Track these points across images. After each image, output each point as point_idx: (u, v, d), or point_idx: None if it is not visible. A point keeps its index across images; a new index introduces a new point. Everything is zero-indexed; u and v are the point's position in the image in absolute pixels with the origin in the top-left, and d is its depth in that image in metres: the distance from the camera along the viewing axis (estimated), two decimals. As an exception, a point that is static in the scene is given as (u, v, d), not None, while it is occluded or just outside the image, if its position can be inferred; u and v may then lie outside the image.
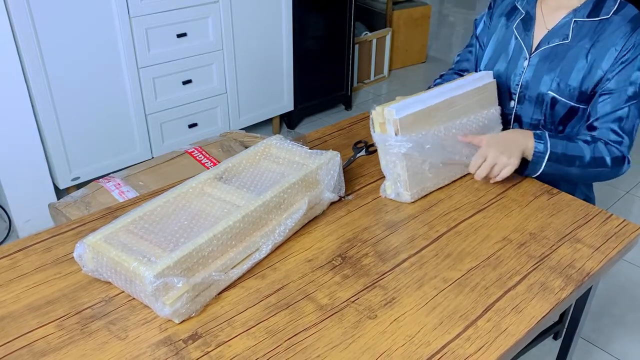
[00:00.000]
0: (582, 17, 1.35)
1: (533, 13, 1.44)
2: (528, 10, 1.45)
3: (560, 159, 1.29)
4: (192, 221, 1.08)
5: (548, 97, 1.40)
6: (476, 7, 5.47)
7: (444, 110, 1.27)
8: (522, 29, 1.45)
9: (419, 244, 1.16)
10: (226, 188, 1.15)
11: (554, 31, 1.39)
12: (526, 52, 1.43)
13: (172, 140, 2.68)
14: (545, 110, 1.42)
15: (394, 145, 1.21)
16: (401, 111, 1.19)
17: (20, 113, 2.18)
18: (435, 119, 1.26)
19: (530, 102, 1.44)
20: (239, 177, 1.21)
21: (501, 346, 0.93)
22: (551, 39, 1.39)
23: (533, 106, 1.44)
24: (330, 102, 3.45)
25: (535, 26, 1.43)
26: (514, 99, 1.47)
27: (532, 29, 1.44)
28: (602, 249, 1.15)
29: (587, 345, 1.93)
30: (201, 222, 1.08)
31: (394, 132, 1.20)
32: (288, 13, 2.87)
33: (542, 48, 1.41)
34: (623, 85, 1.31)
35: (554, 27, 1.40)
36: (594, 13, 1.35)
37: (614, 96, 1.32)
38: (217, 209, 1.10)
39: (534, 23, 1.43)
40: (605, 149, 1.31)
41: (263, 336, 0.95)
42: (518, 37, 1.45)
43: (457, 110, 1.30)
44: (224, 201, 1.12)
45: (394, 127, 1.19)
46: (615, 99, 1.32)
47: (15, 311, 0.99)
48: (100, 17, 2.25)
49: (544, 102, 1.41)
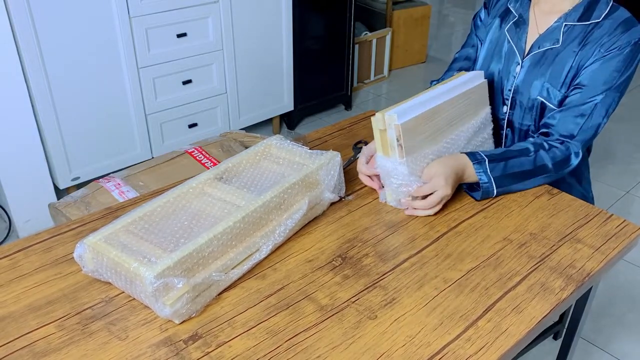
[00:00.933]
0: (572, 21, 1.34)
1: (526, 16, 1.43)
2: (521, 14, 1.44)
3: (505, 181, 1.27)
4: (192, 221, 1.08)
5: (537, 102, 1.39)
6: (476, 7, 5.47)
7: (443, 112, 1.27)
8: (515, 32, 1.44)
9: (419, 244, 1.16)
10: (226, 188, 1.15)
11: (545, 35, 1.38)
12: (518, 57, 1.42)
13: (172, 140, 2.68)
14: (535, 115, 1.41)
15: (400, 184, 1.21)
16: (402, 116, 1.18)
17: (20, 113, 2.18)
18: (435, 122, 1.25)
19: (521, 108, 1.43)
20: (239, 177, 1.21)
21: (501, 346, 0.93)
22: (542, 43, 1.38)
23: (523, 111, 1.43)
24: (330, 102, 3.45)
25: (527, 30, 1.42)
26: (507, 104, 1.45)
27: (524, 32, 1.42)
28: (603, 249, 1.15)
29: (587, 345, 1.93)
30: (201, 223, 1.08)
31: (395, 138, 1.18)
32: (288, 13, 2.87)
33: (533, 52, 1.40)
34: (595, 83, 1.30)
35: (545, 31, 1.38)
36: (584, 17, 1.33)
37: (584, 91, 1.31)
38: (217, 209, 1.10)
39: (526, 27, 1.42)
40: (547, 154, 1.29)
41: (263, 336, 0.95)
42: (510, 40, 1.44)
43: (454, 112, 1.30)
44: (224, 201, 1.12)
45: (396, 132, 1.18)
46: (584, 94, 1.30)
47: (15, 311, 0.99)
48: (100, 17, 2.25)
49: (534, 108, 1.40)
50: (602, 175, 2.89)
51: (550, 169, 1.30)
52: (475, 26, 1.58)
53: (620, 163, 3.05)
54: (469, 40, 1.60)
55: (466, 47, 1.61)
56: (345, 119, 1.67)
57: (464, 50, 1.61)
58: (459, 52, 1.62)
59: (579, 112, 1.31)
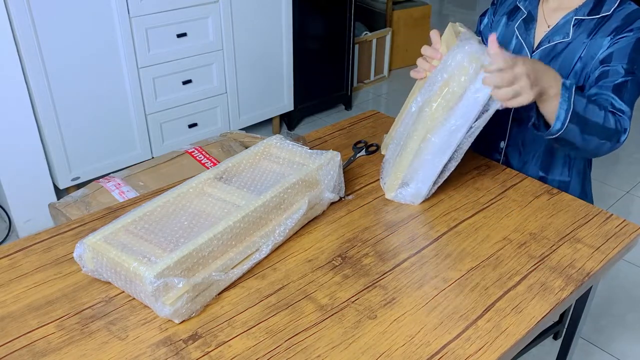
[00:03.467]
0: (582, 15, 1.36)
1: (535, 13, 1.44)
2: (530, 10, 1.45)
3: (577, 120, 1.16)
4: (192, 221, 1.08)
5: None
6: (476, 7, 5.47)
7: None
8: (524, 28, 1.45)
9: (419, 244, 1.16)
10: (226, 188, 1.15)
11: (556, 29, 1.39)
12: (527, 51, 1.43)
13: (172, 140, 2.68)
14: None
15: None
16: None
17: (20, 113, 2.18)
18: None
19: None
20: (239, 177, 1.21)
21: (501, 346, 0.93)
22: (552, 37, 1.39)
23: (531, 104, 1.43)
24: (330, 102, 3.45)
25: (536, 25, 1.43)
26: None
27: (533, 28, 1.43)
28: (602, 249, 1.15)
29: (587, 345, 1.93)
30: (201, 222, 1.08)
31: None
32: (288, 13, 2.87)
33: (543, 46, 1.40)
34: (619, 61, 1.28)
35: (555, 26, 1.39)
36: (594, 11, 1.35)
37: (612, 69, 1.28)
38: (217, 209, 1.10)
39: (535, 23, 1.43)
40: (612, 117, 1.21)
41: (263, 336, 0.95)
42: (519, 36, 1.45)
43: None
44: (224, 201, 1.12)
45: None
46: (613, 72, 1.28)
47: (15, 311, 0.99)
48: (100, 17, 2.25)
49: None
50: (602, 175, 2.89)
51: (611, 133, 1.21)
52: (480, 22, 1.59)
53: (620, 163, 3.05)
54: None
55: None
56: (345, 119, 1.67)
57: None
58: None
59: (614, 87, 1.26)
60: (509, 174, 1.39)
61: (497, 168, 1.42)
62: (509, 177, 1.38)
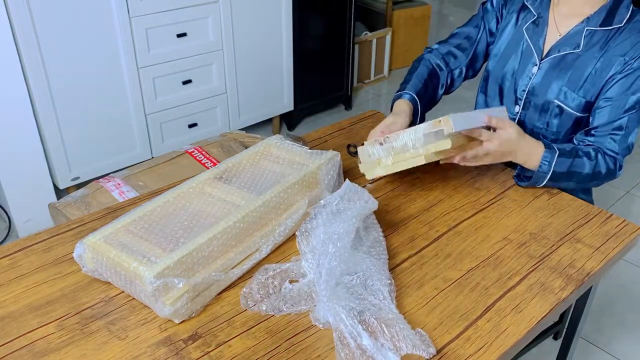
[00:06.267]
0: (594, 26, 1.33)
1: (546, 17, 1.41)
2: (540, 13, 1.42)
3: (560, 177, 1.28)
4: (192, 221, 1.08)
5: (554, 105, 1.38)
6: (476, 7, 5.46)
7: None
8: (534, 32, 1.42)
9: (419, 244, 1.16)
10: (226, 188, 1.15)
11: (566, 39, 1.37)
12: (536, 58, 1.41)
13: (172, 140, 2.68)
14: (548, 119, 1.41)
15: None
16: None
17: (20, 113, 2.18)
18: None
19: (535, 110, 1.42)
20: (239, 177, 1.21)
21: (501, 346, 0.93)
22: (562, 47, 1.37)
23: (538, 114, 1.42)
24: (330, 102, 3.45)
25: (547, 31, 1.41)
26: (519, 104, 1.45)
27: (543, 33, 1.41)
28: (602, 249, 1.15)
29: (587, 345, 1.93)
30: (201, 222, 1.08)
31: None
32: (288, 13, 2.87)
33: (552, 55, 1.38)
34: (624, 95, 1.30)
35: (566, 35, 1.37)
36: (606, 22, 1.32)
37: (614, 105, 1.31)
38: (217, 209, 1.10)
39: (546, 28, 1.41)
40: (604, 161, 1.30)
41: (263, 336, 0.95)
42: (529, 40, 1.43)
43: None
44: (224, 201, 1.12)
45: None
46: (614, 108, 1.31)
47: (15, 311, 0.99)
48: (100, 17, 2.25)
49: (549, 111, 1.40)
50: (602, 175, 2.89)
51: (603, 176, 1.31)
52: (485, 10, 1.55)
53: (620, 163, 3.05)
54: (474, 20, 1.57)
55: (469, 25, 1.57)
56: (345, 119, 1.67)
57: (466, 28, 1.57)
58: (461, 28, 1.59)
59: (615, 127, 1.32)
60: (509, 174, 1.39)
61: (497, 168, 1.41)
62: (509, 177, 1.38)
